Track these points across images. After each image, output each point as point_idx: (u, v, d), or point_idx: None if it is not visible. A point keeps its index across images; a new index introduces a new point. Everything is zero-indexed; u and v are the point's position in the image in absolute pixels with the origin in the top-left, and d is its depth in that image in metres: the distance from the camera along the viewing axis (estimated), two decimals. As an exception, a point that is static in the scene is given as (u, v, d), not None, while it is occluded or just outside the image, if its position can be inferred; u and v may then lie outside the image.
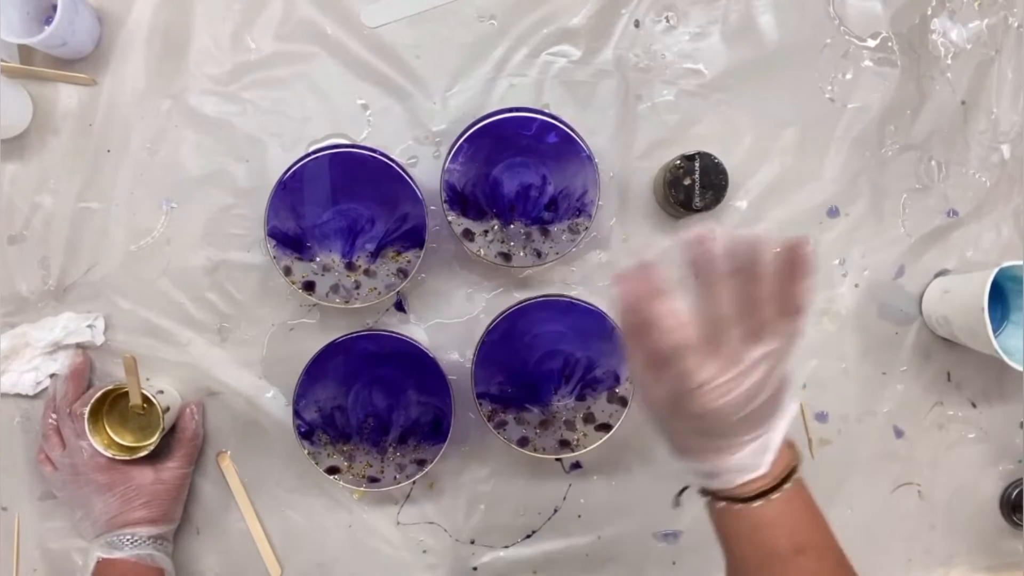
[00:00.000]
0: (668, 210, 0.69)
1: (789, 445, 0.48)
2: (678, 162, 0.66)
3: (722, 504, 0.47)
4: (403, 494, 0.71)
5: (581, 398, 0.67)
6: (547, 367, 0.67)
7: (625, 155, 0.70)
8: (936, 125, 0.71)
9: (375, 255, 0.65)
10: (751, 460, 0.45)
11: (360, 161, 0.64)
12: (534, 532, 0.71)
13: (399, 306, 0.70)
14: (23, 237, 0.69)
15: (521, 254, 0.65)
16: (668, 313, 0.42)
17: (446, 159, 0.64)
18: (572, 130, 0.63)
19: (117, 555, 0.63)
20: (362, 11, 0.69)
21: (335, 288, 0.65)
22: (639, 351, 0.45)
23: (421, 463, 0.66)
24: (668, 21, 0.70)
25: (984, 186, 0.72)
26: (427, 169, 0.69)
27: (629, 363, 0.52)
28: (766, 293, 0.43)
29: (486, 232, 0.65)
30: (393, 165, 0.64)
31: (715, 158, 0.66)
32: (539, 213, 0.66)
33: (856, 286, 0.72)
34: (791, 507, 0.46)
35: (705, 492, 0.48)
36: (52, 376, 0.69)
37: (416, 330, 0.70)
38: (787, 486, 0.46)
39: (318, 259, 0.65)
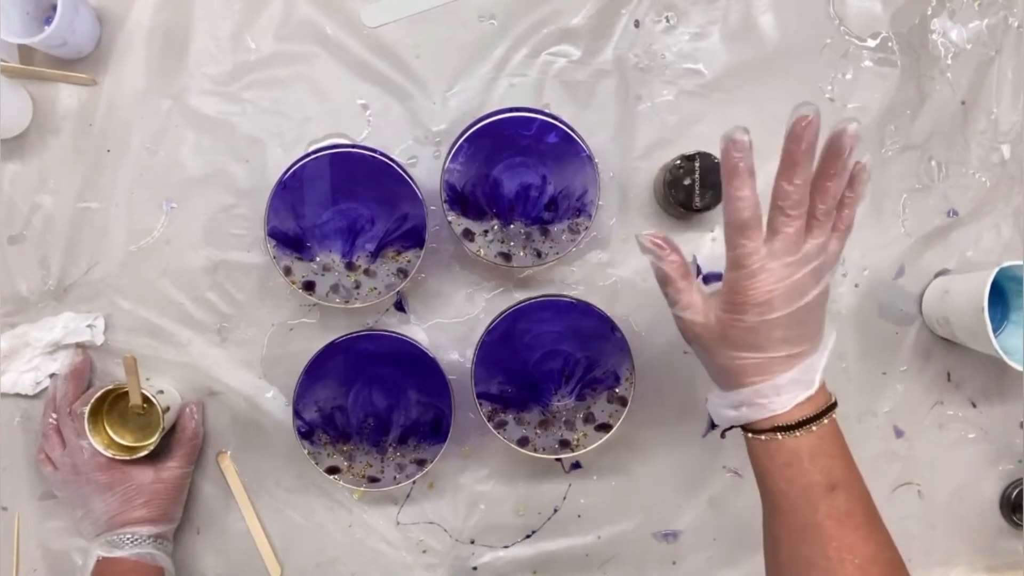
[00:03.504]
0: (668, 210, 0.69)
1: (824, 386, 0.50)
2: (678, 162, 0.66)
3: (764, 437, 0.49)
4: (403, 494, 0.71)
5: (581, 398, 0.67)
6: (547, 367, 0.67)
7: (625, 155, 0.70)
8: (936, 125, 0.71)
9: (375, 255, 0.65)
10: (803, 376, 0.48)
11: (360, 161, 0.64)
12: (534, 532, 0.71)
13: (399, 306, 0.70)
14: (23, 237, 0.69)
15: (521, 254, 0.65)
16: (743, 192, 0.46)
17: (446, 159, 0.64)
18: (572, 130, 0.63)
19: (117, 554, 0.63)
20: (362, 11, 0.69)
21: (335, 288, 0.65)
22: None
23: (421, 463, 0.66)
24: (668, 21, 0.70)
25: (984, 186, 0.72)
26: (427, 169, 0.69)
27: (697, 305, 0.51)
28: (833, 190, 0.47)
29: (486, 232, 0.65)
30: (393, 165, 0.64)
31: (715, 158, 0.66)
32: (539, 213, 0.66)
33: (856, 286, 0.72)
34: (825, 443, 0.48)
35: (746, 429, 0.50)
36: (52, 376, 0.69)
37: (416, 330, 0.70)
38: (825, 419, 0.48)
39: (318, 259, 0.65)
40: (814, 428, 0.48)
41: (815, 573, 0.47)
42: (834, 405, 0.50)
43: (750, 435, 0.50)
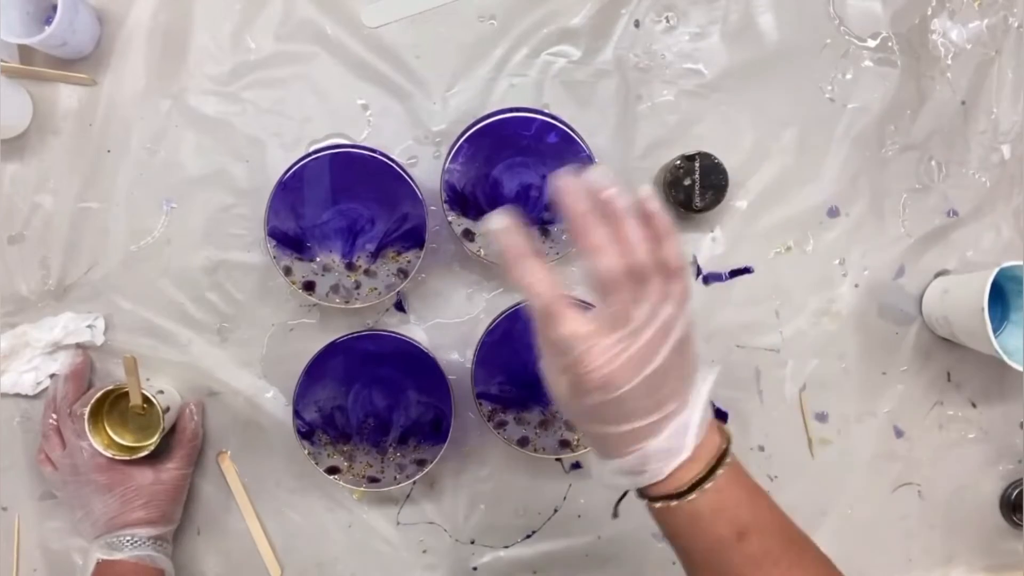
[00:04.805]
0: (668, 210, 0.69)
1: (717, 429, 0.46)
2: (678, 162, 0.66)
3: (659, 504, 0.45)
4: (403, 494, 0.71)
5: (581, 398, 0.66)
6: (547, 367, 0.67)
7: (625, 155, 0.70)
8: (936, 125, 0.71)
9: (375, 255, 0.65)
10: (672, 443, 0.43)
11: (360, 161, 0.64)
12: (534, 532, 0.71)
13: (399, 306, 0.70)
14: (23, 237, 0.69)
15: (521, 254, 0.65)
16: (529, 279, 0.42)
17: (446, 159, 0.64)
18: (572, 130, 0.63)
19: (117, 556, 0.63)
20: (362, 11, 0.69)
21: (335, 288, 0.65)
22: (544, 349, 0.45)
23: (421, 463, 0.66)
24: (668, 21, 0.70)
25: (984, 186, 0.72)
26: (427, 169, 0.69)
27: (545, 375, 0.46)
28: (642, 251, 0.42)
29: (486, 232, 0.65)
30: (393, 165, 0.64)
31: (715, 158, 0.66)
32: (539, 213, 0.66)
33: (856, 286, 0.72)
34: (728, 493, 0.45)
35: (641, 494, 0.46)
36: (52, 376, 0.69)
37: (416, 330, 0.70)
38: (719, 472, 0.44)
39: (318, 259, 0.65)
40: (707, 487, 0.44)
41: None
42: (726, 452, 0.45)
43: (646, 501, 0.46)
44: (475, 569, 0.71)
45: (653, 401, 0.43)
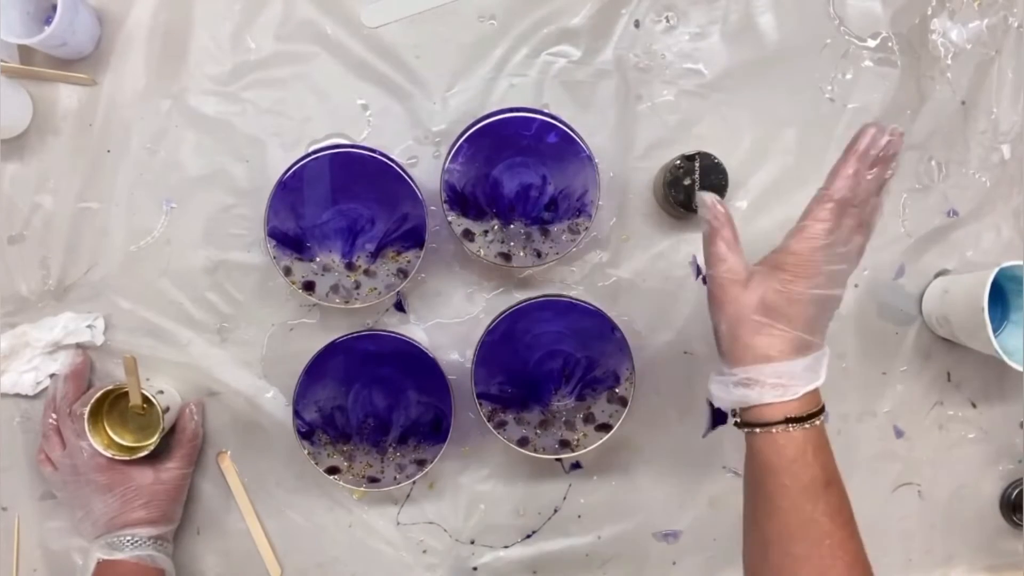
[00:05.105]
0: (668, 210, 0.69)
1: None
2: (678, 162, 0.66)
3: (775, 430, 0.49)
4: (403, 494, 0.71)
5: (581, 398, 0.67)
6: (547, 367, 0.67)
7: (625, 155, 0.70)
8: (936, 125, 0.71)
9: (375, 255, 0.65)
10: (815, 365, 0.50)
11: (360, 161, 0.64)
12: (534, 532, 0.71)
13: (399, 306, 0.70)
14: (23, 237, 0.69)
15: (521, 254, 0.65)
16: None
17: (446, 159, 0.64)
18: (572, 130, 0.63)
19: (117, 556, 0.63)
20: (362, 11, 0.69)
21: (335, 288, 0.65)
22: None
23: (421, 463, 0.66)
24: (668, 21, 0.70)
25: (984, 186, 0.72)
26: (427, 169, 0.69)
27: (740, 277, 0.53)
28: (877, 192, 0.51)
29: (486, 232, 0.65)
30: (393, 165, 0.64)
31: (715, 158, 0.66)
32: (539, 213, 0.66)
33: (856, 286, 0.72)
34: (824, 439, 0.50)
35: (749, 426, 0.51)
36: (52, 376, 0.69)
37: (416, 330, 0.70)
38: (823, 416, 0.50)
39: (318, 259, 0.65)
40: (818, 422, 0.49)
41: (807, 570, 0.48)
42: (823, 408, 0.51)
43: (758, 430, 0.50)
44: (475, 569, 0.71)
45: (820, 322, 0.51)
